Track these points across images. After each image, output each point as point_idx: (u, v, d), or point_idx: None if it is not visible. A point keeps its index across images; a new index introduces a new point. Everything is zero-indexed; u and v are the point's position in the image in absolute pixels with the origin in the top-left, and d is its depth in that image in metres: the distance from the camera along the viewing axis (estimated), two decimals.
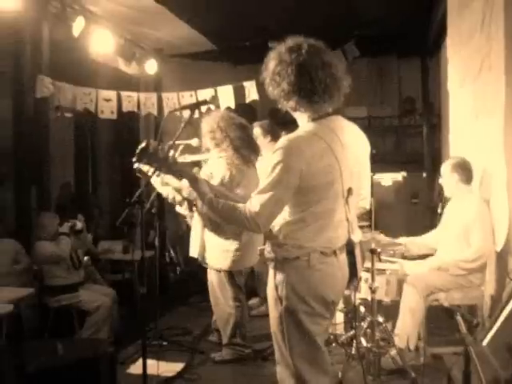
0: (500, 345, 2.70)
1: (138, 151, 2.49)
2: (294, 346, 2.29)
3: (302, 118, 2.34)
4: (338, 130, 2.32)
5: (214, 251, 4.09)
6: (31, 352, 3.35)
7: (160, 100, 5.86)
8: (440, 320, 4.49)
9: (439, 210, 4.51)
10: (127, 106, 5.66)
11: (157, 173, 2.65)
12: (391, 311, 3.94)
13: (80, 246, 4.98)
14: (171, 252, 6.97)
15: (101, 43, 5.55)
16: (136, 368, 3.99)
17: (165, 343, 4.41)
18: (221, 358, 4.18)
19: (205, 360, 4.24)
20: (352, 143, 2.40)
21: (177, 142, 2.54)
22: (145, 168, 2.99)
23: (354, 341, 3.80)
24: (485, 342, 2.85)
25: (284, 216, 2.25)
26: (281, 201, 2.19)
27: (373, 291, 3.64)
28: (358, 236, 2.42)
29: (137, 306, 5.34)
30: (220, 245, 4.04)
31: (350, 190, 2.29)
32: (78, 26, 5.19)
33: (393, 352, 3.75)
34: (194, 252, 4.17)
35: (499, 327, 2.85)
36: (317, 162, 2.18)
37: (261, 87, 2.41)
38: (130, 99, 5.66)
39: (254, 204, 2.18)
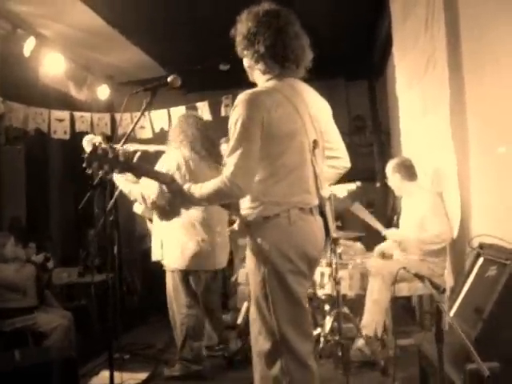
0: (468, 311, 2.75)
1: (86, 155, 2.28)
2: (279, 309, 2.23)
3: (263, 80, 2.36)
4: (297, 86, 2.35)
5: (170, 249, 3.95)
6: None
7: (113, 120, 5.84)
8: (399, 315, 4.58)
9: (394, 221, 4.66)
10: (80, 126, 5.62)
11: (110, 174, 2.52)
12: (356, 306, 3.96)
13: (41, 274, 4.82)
14: (127, 277, 6.81)
15: (51, 66, 5.50)
16: (98, 379, 3.83)
17: (127, 356, 4.26)
18: (168, 374, 3.96)
19: None
20: (314, 100, 2.42)
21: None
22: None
23: (322, 337, 3.79)
24: (452, 313, 2.90)
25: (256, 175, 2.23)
26: (251, 154, 2.16)
27: (337, 282, 3.64)
28: (327, 192, 2.40)
29: (94, 326, 5.26)
30: (177, 242, 3.91)
31: (315, 142, 2.29)
32: (28, 46, 5.16)
33: (360, 343, 3.74)
34: (155, 255, 4.08)
35: (465, 295, 2.90)
36: (276, 110, 2.18)
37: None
38: (83, 119, 5.63)
39: (227, 167, 2.17)
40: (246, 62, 2.37)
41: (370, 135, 7.50)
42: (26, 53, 5.17)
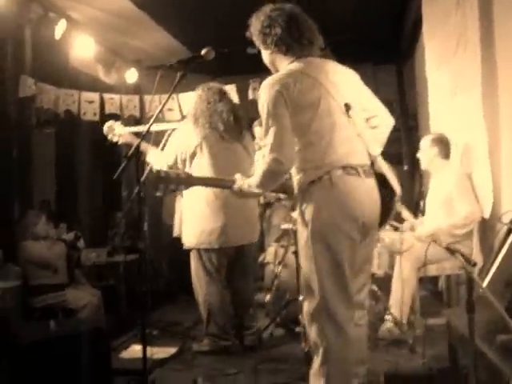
0: (498, 286, 2.73)
1: (148, 181, 2.68)
2: (322, 271, 2.31)
3: (285, 65, 2.52)
4: (316, 62, 2.50)
5: (185, 227, 3.94)
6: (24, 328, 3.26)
7: (142, 102, 5.89)
8: (427, 298, 4.57)
9: (421, 207, 4.61)
10: (109, 108, 5.67)
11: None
12: (384, 285, 3.96)
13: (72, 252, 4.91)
14: (154, 262, 6.88)
15: (81, 49, 5.59)
16: (128, 353, 3.90)
17: (155, 332, 4.32)
18: (197, 349, 3.96)
19: None
20: (334, 70, 2.53)
21: None
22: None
23: None
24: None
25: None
26: (283, 129, 2.34)
27: None
28: (375, 150, 2.45)
29: (122, 306, 5.35)
30: (188, 220, 3.91)
31: (347, 105, 2.38)
32: (60, 28, 5.24)
33: (389, 324, 3.74)
34: (175, 231, 4.10)
35: (495, 271, 2.88)
36: (295, 84, 2.35)
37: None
38: (113, 101, 5.68)
39: (266, 148, 2.35)
40: (267, 58, 2.58)
41: (398, 120, 7.44)
42: (57, 36, 5.25)
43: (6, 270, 4.53)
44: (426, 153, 4.14)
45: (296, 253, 3.80)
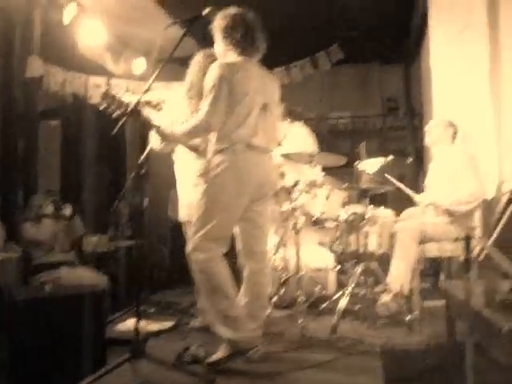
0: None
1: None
2: (208, 216, 2.90)
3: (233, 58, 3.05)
4: (255, 65, 3.09)
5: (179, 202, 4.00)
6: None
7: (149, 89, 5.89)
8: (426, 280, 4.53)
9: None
10: (117, 93, 5.68)
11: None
12: (384, 264, 3.92)
13: (69, 232, 4.90)
14: (156, 250, 6.86)
15: (91, 34, 5.61)
16: (124, 325, 3.86)
17: (152, 309, 4.30)
18: (193, 324, 3.88)
19: None
20: (265, 76, 3.14)
21: None
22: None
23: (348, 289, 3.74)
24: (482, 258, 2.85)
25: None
26: (220, 102, 2.87)
27: (365, 236, 3.63)
28: (272, 145, 3.19)
29: (122, 292, 5.33)
30: (180, 193, 3.97)
31: (265, 105, 3.02)
32: (69, 12, 5.28)
33: (386, 298, 3.71)
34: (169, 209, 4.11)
35: (495, 239, 2.86)
36: (237, 73, 2.92)
37: None
38: (119, 87, 5.71)
39: (201, 111, 2.88)
40: (221, 49, 3.09)
41: (403, 118, 7.46)
42: (67, 20, 5.29)
43: (8, 248, 4.56)
44: (439, 132, 4.15)
45: (296, 230, 3.82)
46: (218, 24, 3.08)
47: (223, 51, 3.11)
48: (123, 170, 7.33)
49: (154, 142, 3.86)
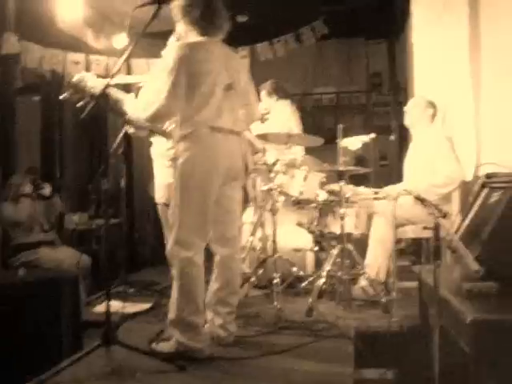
0: (470, 237, 2.71)
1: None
2: (183, 207, 2.82)
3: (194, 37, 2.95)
4: (218, 44, 2.96)
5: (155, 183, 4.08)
6: None
7: (129, 67, 5.82)
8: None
9: None
10: (95, 70, 5.58)
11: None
12: (361, 246, 3.93)
13: (49, 211, 4.87)
14: (140, 228, 6.86)
15: (69, 8, 5.48)
16: (102, 307, 3.85)
17: (131, 290, 4.31)
18: None
19: None
20: (230, 55, 3.02)
21: None
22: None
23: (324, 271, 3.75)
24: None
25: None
26: (181, 84, 2.78)
27: (342, 218, 3.63)
28: (242, 126, 3.05)
29: (103, 271, 5.30)
30: (156, 175, 4.02)
31: (229, 85, 2.90)
32: None
33: (363, 282, 3.73)
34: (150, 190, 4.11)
35: (468, 224, 2.87)
36: (198, 53, 2.83)
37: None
38: (99, 63, 5.62)
39: (159, 92, 2.77)
40: (181, 29, 2.96)
41: (388, 94, 7.41)
42: None
43: None
44: (416, 113, 4.15)
45: (272, 211, 3.81)
46: (177, 2, 2.96)
47: (184, 31, 3.00)
48: (105, 147, 7.25)
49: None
